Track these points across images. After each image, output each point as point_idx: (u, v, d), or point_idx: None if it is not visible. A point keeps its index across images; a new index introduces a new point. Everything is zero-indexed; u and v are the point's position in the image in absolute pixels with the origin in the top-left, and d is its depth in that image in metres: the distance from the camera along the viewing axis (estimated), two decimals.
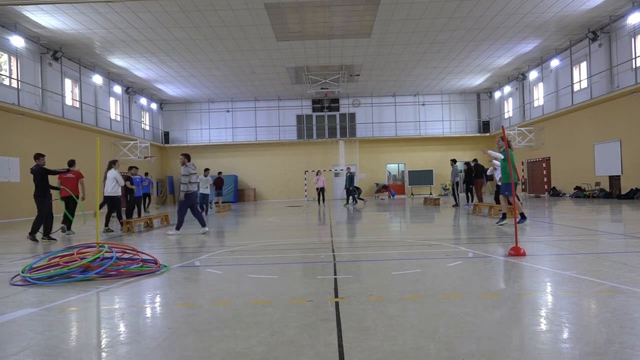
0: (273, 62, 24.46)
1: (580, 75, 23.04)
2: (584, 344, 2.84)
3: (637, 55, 18.74)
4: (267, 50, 22.34)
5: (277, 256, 7.04)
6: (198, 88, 29.63)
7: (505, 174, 9.96)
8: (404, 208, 19.06)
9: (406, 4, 17.33)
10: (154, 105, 32.52)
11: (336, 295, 4.21)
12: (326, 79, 27.40)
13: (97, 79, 24.49)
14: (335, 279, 4.97)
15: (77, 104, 23.41)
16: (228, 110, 33.77)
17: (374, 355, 2.73)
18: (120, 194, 12.09)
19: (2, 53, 18.28)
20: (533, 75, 27.16)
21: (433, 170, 32.31)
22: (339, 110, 33.92)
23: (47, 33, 19.21)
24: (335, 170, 32.24)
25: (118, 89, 27.19)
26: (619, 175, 20.04)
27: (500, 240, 7.89)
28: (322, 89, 28.78)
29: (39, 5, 16.12)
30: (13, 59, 18.76)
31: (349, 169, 22.66)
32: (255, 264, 6.42)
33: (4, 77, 18.27)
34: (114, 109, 27.56)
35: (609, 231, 8.91)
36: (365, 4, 17.33)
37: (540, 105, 26.87)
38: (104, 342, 3.18)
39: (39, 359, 2.86)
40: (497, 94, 32.31)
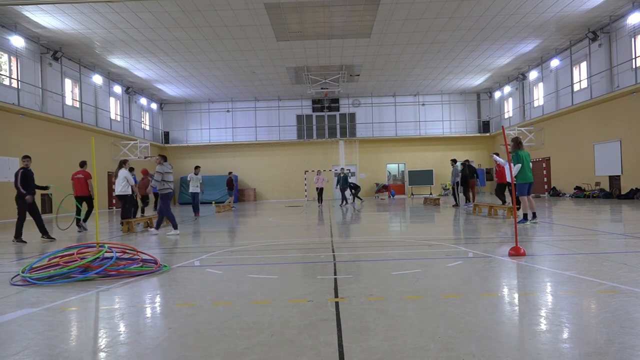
0: (273, 62, 24.46)
1: (580, 75, 23.04)
2: (584, 344, 2.84)
3: (637, 55, 18.74)
4: (267, 50, 22.34)
5: (277, 256, 7.04)
6: (198, 88, 29.63)
7: (521, 175, 9.87)
8: (404, 208, 19.06)
9: (406, 4, 17.33)
10: (154, 105, 32.52)
11: (336, 295, 4.21)
12: (326, 79, 27.40)
13: (97, 79, 24.49)
14: (335, 279, 4.97)
15: (77, 104, 23.41)
16: (228, 110, 33.78)
17: (374, 355, 2.73)
18: (130, 193, 12.30)
19: (2, 53, 18.28)
20: (533, 75, 27.16)
21: (433, 170, 32.30)
22: (339, 110, 33.92)
23: (47, 33, 19.21)
24: (336, 170, 32.20)
25: (118, 89, 27.19)
26: (619, 175, 20.04)
27: (500, 240, 7.89)
28: (322, 89, 28.78)
29: (39, 5, 16.12)
30: (13, 59, 18.77)
31: (343, 169, 22.47)
32: (255, 264, 6.42)
33: (4, 77, 18.28)
34: (114, 109, 27.56)
35: (609, 231, 8.92)
36: (365, 4, 17.33)
37: (540, 105, 26.87)
38: (104, 342, 3.18)
39: (39, 359, 2.86)
40: (497, 94, 32.31)
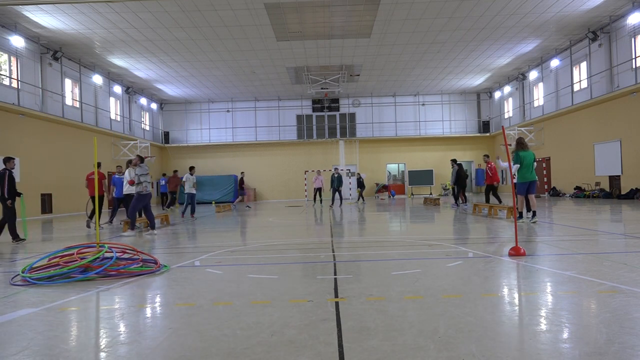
0: (273, 62, 24.46)
1: (580, 75, 23.04)
2: (584, 344, 2.84)
3: (637, 55, 18.74)
4: (267, 50, 22.34)
5: (277, 256, 7.04)
6: (198, 88, 29.63)
7: (519, 175, 10.17)
8: (404, 208, 19.06)
9: (406, 4, 17.33)
10: (154, 105, 32.51)
11: (336, 295, 4.21)
12: (326, 79, 27.40)
13: (97, 79, 24.49)
14: (335, 279, 4.97)
15: (77, 104, 23.41)
16: (228, 110, 33.77)
17: (374, 355, 2.73)
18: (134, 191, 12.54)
19: (2, 53, 18.28)
20: (533, 75, 27.16)
21: (433, 170, 32.30)
22: (339, 110, 33.92)
23: (47, 33, 19.21)
24: (342, 170, 32.18)
25: (118, 89, 27.19)
26: (619, 175, 20.04)
27: (500, 240, 7.89)
28: (322, 89, 28.78)
29: (39, 5, 16.12)
30: (13, 59, 18.76)
31: (337, 170, 22.28)
32: (255, 264, 6.42)
33: (4, 77, 18.27)
34: (114, 109, 27.56)
35: (609, 231, 8.92)
36: (365, 4, 17.33)
37: (540, 105, 26.87)
38: (104, 342, 3.18)
39: (39, 359, 2.86)
40: (497, 94, 32.30)
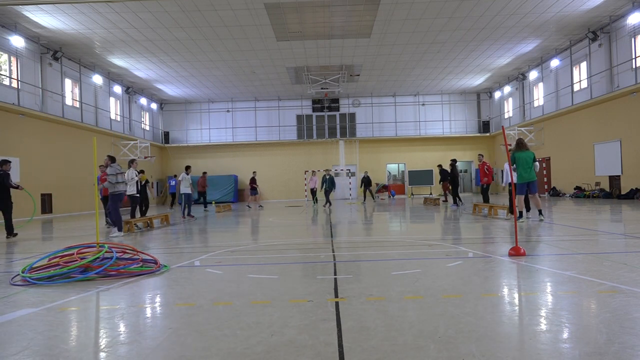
0: (273, 62, 24.46)
1: (580, 75, 23.04)
2: (584, 344, 2.84)
3: (637, 55, 18.74)
4: (267, 50, 22.34)
5: (277, 256, 7.04)
6: (198, 88, 29.63)
7: (517, 175, 10.43)
8: (404, 208, 19.06)
9: (406, 4, 17.33)
10: (154, 105, 32.52)
11: (336, 295, 4.21)
12: (326, 79, 27.40)
13: (97, 79, 24.49)
14: (335, 279, 4.97)
15: (77, 104, 23.41)
16: (228, 110, 33.78)
17: (374, 355, 2.73)
18: (137, 193, 12.76)
19: (2, 53, 18.28)
20: (533, 75, 27.16)
21: (433, 170, 32.29)
22: (339, 110, 33.93)
23: (47, 33, 19.21)
24: (336, 170, 32.23)
25: (118, 89, 27.19)
26: (619, 175, 20.04)
27: (500, 240, 7.89)
28: (322, 89, 28.78)
29: (39, 5, 16.12)
30: (13, 59, 18.77)
31: (328, 170, 21.93)
32: (255, 264, 6.42)
33: (4, 77, 18.28)
34: (114, 109, 27.56)
35: (609, 231, 8.91)
36: (365, 4, 17.33)
37: (540, 105, 26.87)
38: (104, 342, 3.18)
39: (39, 359, 2.86)
40: (497, 94, 32.31)
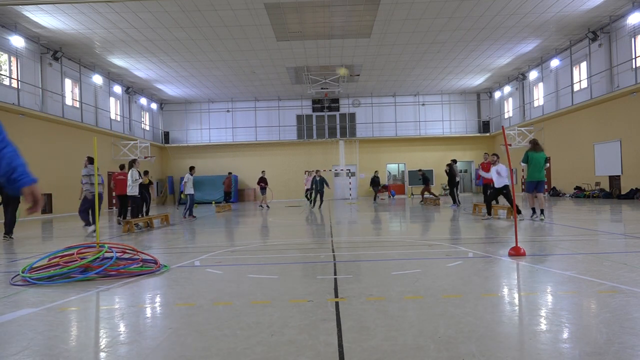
0: (273, 62, 24.46)
1: (580, 75, 23.04)
2: (584, 344, 2.84)
3: (637, 55, 18.74)
4: (267, 50, 22.34)
5: (277, 256, 7.04)
6: (198, 88, 29.63)
7: (527, 173, 11.19)
8: (404, 208, 19.06)
9: (406, 4, 17.32)
10: (154, 105, 32.52)
11: (336, 295, 4.21)
12: (326, 79, 27.40)
13: (97, 79, 24.49)
14: (335, 279, 4.97)
15: (77, 104, 23.41)
16: (228, 110, 33.78)
17: (374, 355, 2.73)
18: (138, 194, 12.76)
19: (2, 53, 18.28)
20: (533, 75, 27.16)
21: (433, 170, 32.30)
22: (339, 110, 33.93)
23: (47, 33, 19.21)
24: (336, 170, 32.23)
25: (118, 89, 27.19)
26: (619, 175, 20.04)
27: (500, 240, 7.89)
28: (322, 89, 28.78)
29: (39, 5, 16.12)
30: (13, 59, 18.76)
31: (318, 171, 21.11)
32: (255, 264, 6.42)
33: (4, 77, 18.27)
34: (114, 109, 27.56)
35: (609, 231, 8.92)
36: (365, 4, 17.33)
37: (540, 105, 26.87)
38: (104, 342, 3.18)
39: (39, 359, 2.86)
40: (497, 94, 32.31)
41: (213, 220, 15.33)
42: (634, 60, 18.84)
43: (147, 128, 32.06)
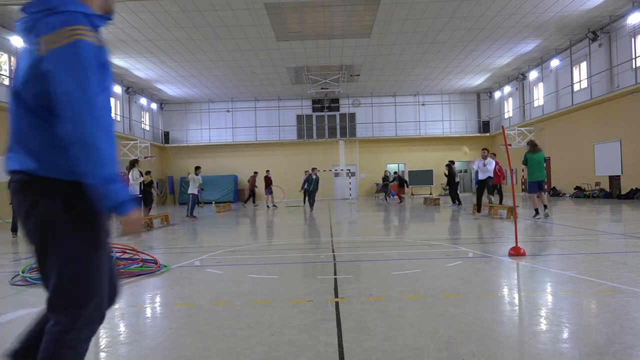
0: (273, 62, 24.46)
1: (580, 75, 23.03)
2: (584, 344, 2.84)
3: (637, 55, 18.73)
4: (267, 50, 22.33)
5: (277, 256, 7.04)
6: (198, 88, 29.62)
7: (528, 174, 11.58)
8: (404, 208, 19.06)
9: (406, 4, 17.32)
10: (154, 105, 32.51)
11: (336, 295, 4.21)
12: (326, 79, 27.40)
13: None
14: (335, 279, 4.97)
15: None
16: (228, 110, 33.77)
17: (374, 355, 2.73)
18: (140, 194, 12.89)
19: (2, 53, 18.29)
20: (533, 75, 27.15)
21: (433, 170, 32.30)
22: (339, 110, 33.92)
23: None
24: (336, 170, 32.22)
25: (118, 89, 27.18)
26: (619, 175, 20.04)
27: (500, 240, 7.88)
28: (322, 89, 28.77)
29: None
30: (13, 59, 18.77)
31: (314, 169, 19.94)
32: (255, 264, 6.42)
33: (4, 77, 18.28)
34: (114, 109, 27.54)
35: (609, 231, 8.92)
36: (365, 4, 17.33)
37: (540, 105, 26.87)
38: (104, 342, 3.18)
39: None
40: (497, 94, 32.30)
41: (213, 220, 15.33)
42: (634, 60, 18.84)
43: (147, 128, 32.05)
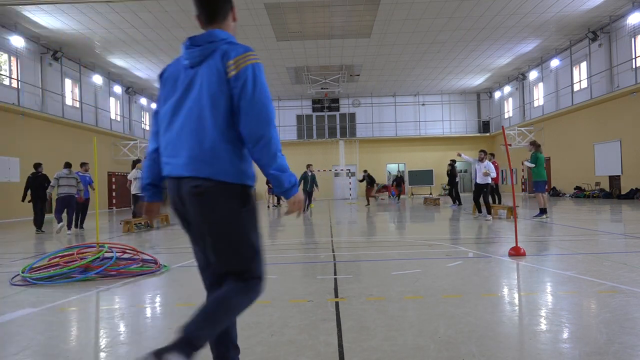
0: (273, 62, 24.45)
1: (580, 75, 23.04)
2: (584, 344, 2.84)
3: (637, 55, 18.74)
4: (267, 50, 22.33)
5: (277, 256, 7.03)
6: None
7: (534, 174, 11.64)
8: (404, 208, 19.06)
9: (406, 4, 17.32)
10: (154, 105, 32.44)
11: (336, 295, 4.21)
12: (326, 79, 27.40)
13: (97, 79, 24.48)
14: (335, 279, 4.97)
15: (77, 104, 23.40)
16: None
17: (374, 355, 2.73)
18: (138, 190, 12.73)
19: (2, 53, 18.28)
20: (533, 75, 27.16)
21: (433, 170, 32.30)
22: (339, 110, 33.92)
23: (47, 33, 19.21)
24: (336, 170, 32.23)
25: (118, 89, 27.18)
26: (619, 175, 20.04)
27: (500, 240, 7.88)
28: (322, 89, 28.78)
29: (39, 5, 16.11)
30: (13, 59, 18.75)
31: (310, 166, 18.21)
32: None
33: (4, 77, 18.27)
34: (114, 109, 27.54)
35: (609, 231, 8.92)
36: (365, 4, 17.33)
37: (540, 105, 26.87)
38: (104, 342, 3.18)
39: (39, 359, 2.86)
40: (497, 94, 32.31)
41: None
42: (634, 60, 18.84)
43: (147, 128, 32.05)
